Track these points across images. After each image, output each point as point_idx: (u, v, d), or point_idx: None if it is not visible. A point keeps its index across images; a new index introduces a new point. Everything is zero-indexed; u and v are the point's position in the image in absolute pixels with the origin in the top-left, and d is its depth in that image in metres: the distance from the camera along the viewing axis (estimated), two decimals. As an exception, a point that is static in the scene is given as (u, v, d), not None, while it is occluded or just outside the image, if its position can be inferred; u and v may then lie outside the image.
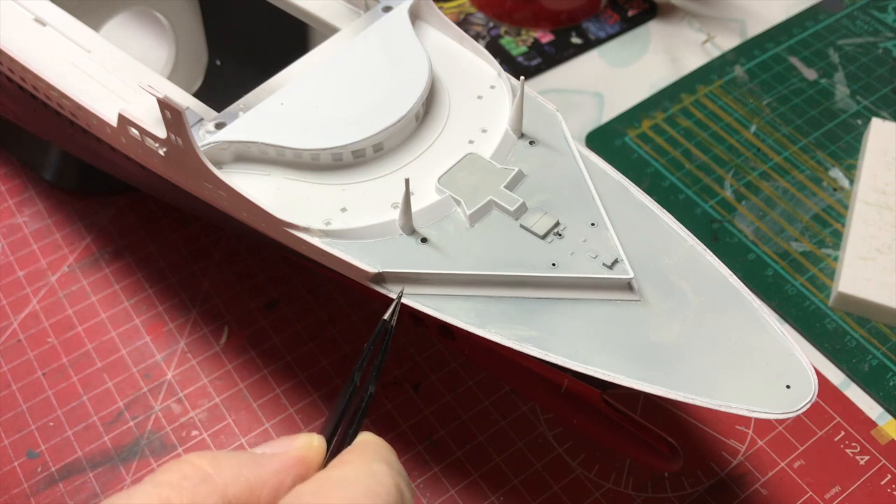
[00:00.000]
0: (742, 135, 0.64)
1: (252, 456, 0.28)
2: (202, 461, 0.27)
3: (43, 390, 0.50)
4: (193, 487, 0.26)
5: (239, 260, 0.56)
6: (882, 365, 0.51)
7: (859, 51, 0.70)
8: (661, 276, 0.38)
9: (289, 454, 0.28)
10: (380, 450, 0.28)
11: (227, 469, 0.26)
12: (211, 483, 0.26)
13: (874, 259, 0.54)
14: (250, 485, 0.26)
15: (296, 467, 0.27)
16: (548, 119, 0.44)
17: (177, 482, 0.26)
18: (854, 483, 0.47)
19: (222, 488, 0.26)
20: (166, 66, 0.61)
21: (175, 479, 0.26)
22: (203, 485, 0.26)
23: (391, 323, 0.34)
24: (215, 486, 0.26)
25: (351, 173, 0.42)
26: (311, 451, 0.28)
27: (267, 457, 0.28)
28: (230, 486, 0.26)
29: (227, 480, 0.26)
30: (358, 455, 0.28)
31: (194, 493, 0.25)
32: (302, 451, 0.28)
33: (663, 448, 0.42)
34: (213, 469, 0.26)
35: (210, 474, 0.26)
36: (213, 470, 0.26)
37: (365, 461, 0.27)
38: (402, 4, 0.48)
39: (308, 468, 0.28)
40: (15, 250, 0.57)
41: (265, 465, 0.27)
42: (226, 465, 0.27)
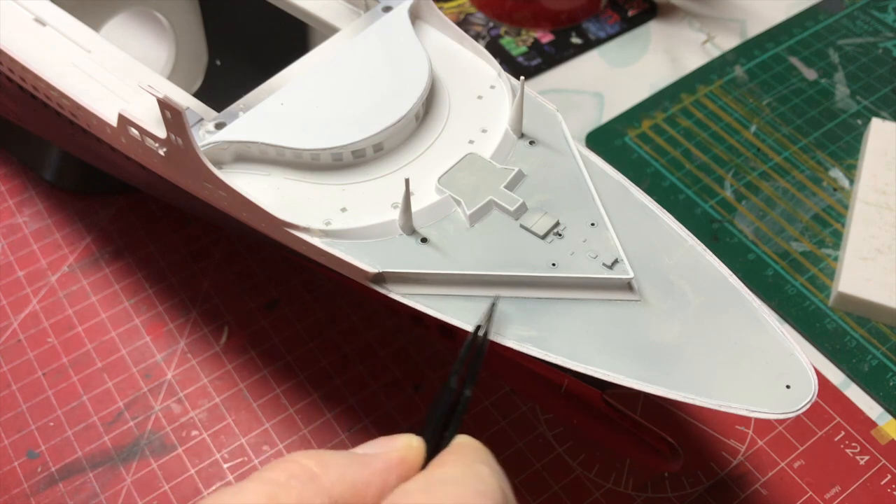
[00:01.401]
0: (742, 135, 0.64)
1: (356, 456, 0.28)
2: (309, 461, 0.27)
3: (43, 390, 0.50)
4: (301, 486, 0.26)
5: (239, 260, 0.56)
6: (882, 365, 0.51)
7: (859, 51, 0.70)
8: (661, 276, 0.38)
9: (391, 454, 0.28)
10: (480, 452, 0.28)
11: (334, 469, 0.26)
12: (318, 483, 0.26)
13: (874, 259, 0.54)
14: (356, 485, 0.26)
15: (398, 467, 0.27)
16: (548, 119, 0.44)
17: (284, 481, 0.26)
18: (854, 483, 0.47)
19: (329, 488, 0.26)
20: (166, 66, 0.61)
21: (283, 478, 0.26)
22: (310, 484, 0.26)
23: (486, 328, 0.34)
24: (322, 485, 0.26)
25: (351, 173, 0.42)
26: (411, 451, 0.28)
27: (370, 457, 0.28)
28: (336, 485, 0.26)
29: (334, 480, 0.26)
30: (459, 456, 0.28)
31: (302, 492, 0.25)
32: (403, 452, 0.28)
33: (663, 448, 0.42)
34: (319, 469, 0.26)
35: (317, 474, 0.26)
36: (319, 470, 0.26)
37: (467, 462, 0.27)
38: (402, 4, 0.48)
39: (409, 469, 0.28)
40: (15, 250, 0.57)
41: (369, 465, 0.27)
42: (332, 465, 0.27)
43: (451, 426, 0.30)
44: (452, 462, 0.28)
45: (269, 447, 0.48)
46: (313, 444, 0.48)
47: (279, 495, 0.25)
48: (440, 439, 0.29)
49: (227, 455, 0.48)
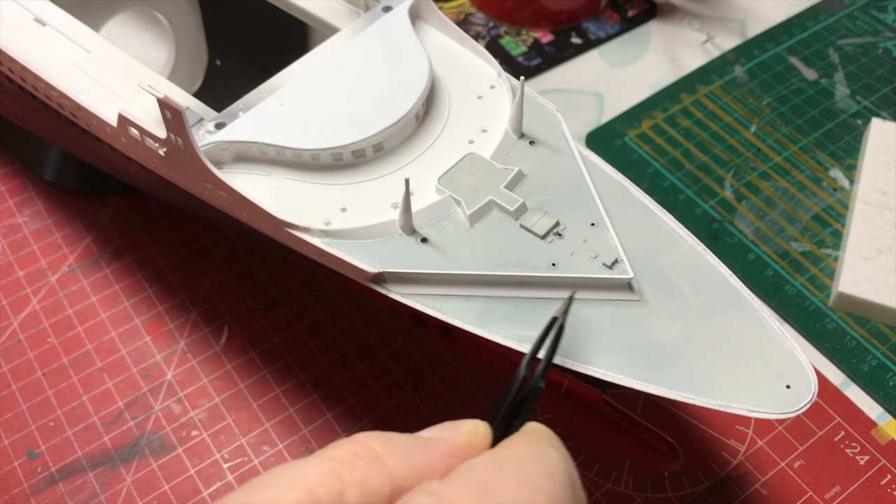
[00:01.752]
0: (742, 135, 0.64)
1: (421, 439, 0.28)
2: (373, 441, 0.26)
3: (43, 390, 0.50)
4: (365, 466, 0.26)
5: (239, 260, 0.56)
6: (882, 365, 0.51)
7: (859, 51, 0.70)
8: (661, 276, 0.38)
9: (457, 439, 0.28)
10: (550, 438, 0.28)
11: (398, 451, 0.26)
12: (382, 463, 0.26)
13: (874, 259, 0.54)
14: (419, 468, 0.26)
15: (464, 452, 0.27)
16: (548, 119, 0.44)
17: (349, 459, 0.26)
18: (854, 483, 0.47)
19: (393, 469, 0.26)
20: (166, 66, 0.61)
21: (347, 456, 0.26)
22: (374, 464, 0.26)
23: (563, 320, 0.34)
24: (386, 467, 0.26)
25: (351, 173, 0.42)
26: (476, 436, 0.28)
27: (436, 440, 0.28)
28: (400, 468, 0.26)
29: (398, 462, 0.26)
30: (528, 438, 0.28)
31: (365, 471, 0.25)
32: (468, 437, 0.28)
33: (663, 448, 0.42)
34: (383, 450, 0.26)
35: (381, 455, 0.26)
36: (384, 451, 0.26)
37: (536, 444, 0.27)
38: (402, 4, 0.48)
39: (475, 454, 0.28)
40: (15, 250, 0.57)
41: (434, 449, 0.27)
42: (396, 448, 0.26)
43: (520, 414, 0.30)
44: (520, 443, 0.28)
45: (269, 447, 0.48)
46: (313, 444, 0.48)
47: (343, 472, 0.25)
48: (508, 427, 0.29)
49: (227, 455, 0.48)
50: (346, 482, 0.25)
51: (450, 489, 0.25)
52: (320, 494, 0.24)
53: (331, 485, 0.25)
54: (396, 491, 0.25)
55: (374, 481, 0.25)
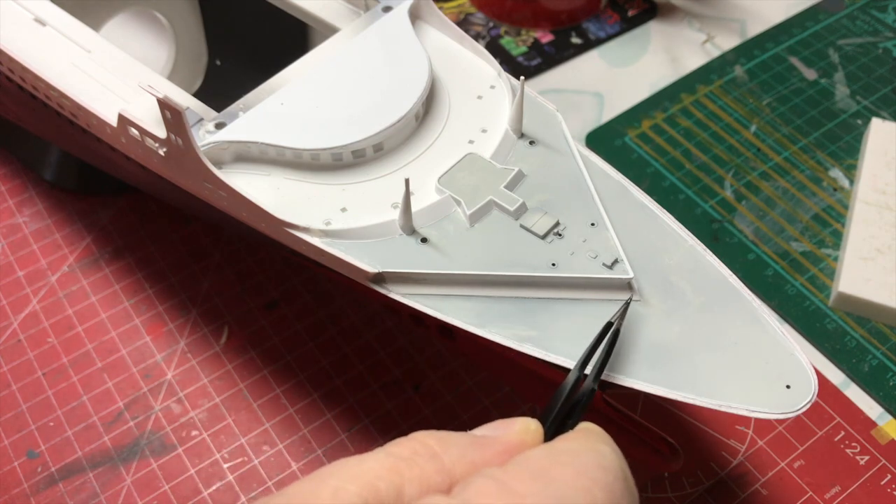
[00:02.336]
0: (742, 135, 0.64)
1: (475, 438, 0.28)
2: (431, 440, 0.27)
3: (43, 390, 0.50)
4: (423, 463, 0.26)
5: (239, 260, 0.56)
6: (882, 365, 0.51)
7: (859, 51, 0.70)
8: (661, 276, 0.38)
9: (511, 436, 0.28)
10: (604, 436, 0.29)
11: (454, 449, 0.27)
12: (438, 461, 0.27)
13: (874, 259, 0.54)
14: (476, 464, 0.27)
15: (517, 449, 0.28)
16: (548, 119, 0.44)
17: (408, 456, 0.26)
18: (854, 483, 0.47)
19: (449, 467, 0.27)
20: (166, 66, 0.61)
21: (406, 453, 0.27)
22: (432, 461, 0.26)
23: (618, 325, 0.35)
24: (443, 464, 0.27)
25: (351, 173, 0.42)
26: (529, 434, 0.29)
27: (490, 439, 0.28)
28: (457, 464, 0.27)
29: (455, 459, 0.27)
30: (582, 434, 0.29)
31: (423, 468, 0.26)
32: (521, 435, 0.29)
33: (663, 448, 0.42)
34: (440, 448, 0.27)
35: (438, 453, 0.27)
36: (440, 449, 0.27)
37: (591, 440, 0.28)
38: (402, 4, 0.48)
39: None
40: (15, 250, 0.57)
41: (490, 447, 0.28)
42: (453, 446, 0.27)
43: (574, 415, 0.31)
44: (575, 438, 0.28)
45: (269, 447, 0.48)
46: (313, 443, 0.48)
47: (402, 468, 0.26)
48: (561, 427, 0.30)
49: (227, 455, 0.48)
50: (406, 477, 0.26)
51: (508, 474, 0.25)
52: (380, 488, 0.25)
53: (390, 479, 0.26)
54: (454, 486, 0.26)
55: (432, 477, 0.26)
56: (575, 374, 0.32)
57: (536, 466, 0.26)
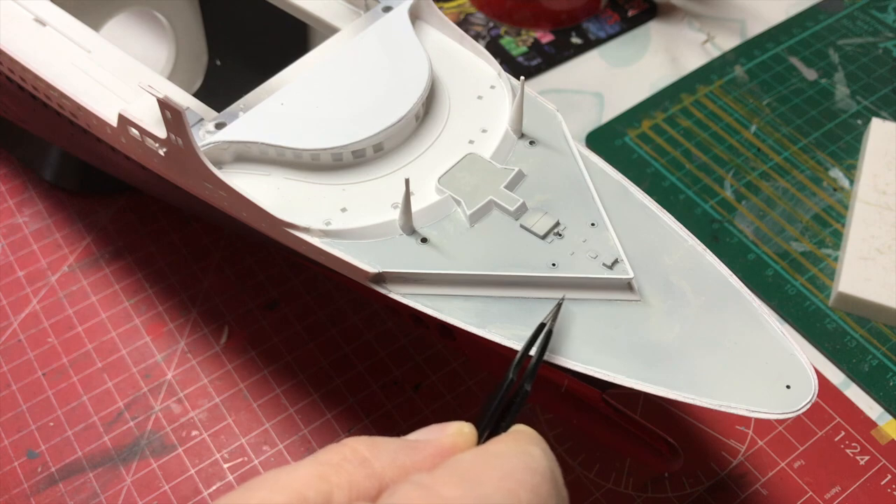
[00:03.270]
0: (742, 135, 0.64)
1: (407, 442, 0.28)
2: (361, 446, 0.27)
3: (43, 390, 0.50)
4: (352, 469, 0.26)
5: (239, 260, 0.56)
6: (882, 365, 0.51)
7: (859, 51, 0.70)
8: (661, 276, 0.38)
9: (443, 440, 0.28)
10: (536, 438, 0.29)
11: (385, 454, 0.27)
12: (368, 466, 0.27)
13: (874, 259, 0.54)
14: (406, 468, 0.27)
15: (449, 453, 0.28)
16: (548, 119, 0.44)
17: (337, 462, 0.27)
18: (854, 483, 0.47)
19: (380, 472, 0.27)
20: (166, 66, 0.61)
21: (335, 460, 0.27)
22: (361, 467, 0.27)
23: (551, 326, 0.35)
24: (373, 469, 0.27)
25: (351, 173, 0.42)
26: (462, 437, 0.29)
27: (422, 442, 0.28)
28: (387, 469, 0.27)
29: (385, 464, 0.27)
30: (513, 437, 0.29)
31: (352, 474, 0.26)
32: (454, 438, 0.29)
33: (663, 448, 0.42)
34: (370, 453, 0.27)
35: (368, 458, 0.27)
36: (370, 454, 0.27)
37: (521, 442, 0.28)
38: (402, 4, 0.48)
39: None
40: (15, 250, 0.57)
41: (421, 451, 0.28)
42: (383, 450, 0.27)
43: (507, 418, 0.30)
44: (505, 441, 0.28)
45: (269, 447, 0.48)
46: (313, 443, 0.48)
47: (331, 475, 0.26)
48: (495, 430, 0.30)
49: (227, 455, 0.48)
50: (334, 484, 0.26)
51: (434, 479, 0.25)
52: (308, 496, 0.25)
53: (318, 487, 0.25)
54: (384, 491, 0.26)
55: (362, 483, 0.26)
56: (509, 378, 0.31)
57: (463, 470, 0.26)
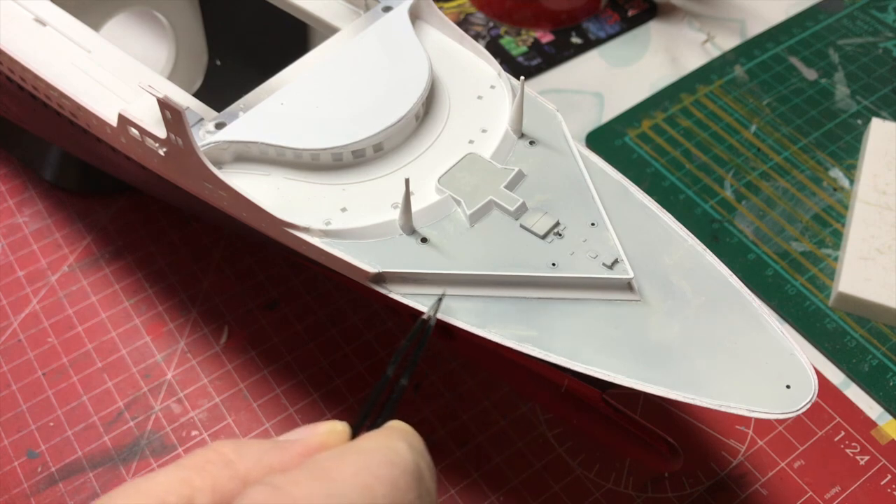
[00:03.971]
0: (742, 135, 0.64)
1: (276, 442, 0.28)
2: (226, 448, 0.27)
3: (43, 390, 0.50)
4: (216, 471, 0.26)
5: (239, 260, 0.56)
6: (882, 365, 0.51)
7: (859, 51, 0.70)
8: (661, 276, 0.38)
9: (311, 439, 0.28)
10: (405, 433, 0.28)
11: (250, 455, 0.27)
12: (233, 468, 0.26)
13: (874, 259, 0.54)
14: (273, 469, 0.27)
15: (317, 452, 0.28)
16: (548, 119, 0.44)
17: (200, 465, 0.26)
18: (854, 483, 0.47)
19: (244, 473, 0.26)
20: (166, 66, 0.61)
21: (198, 463, 0.26)
22: (225, 469, 0.26)
23: (430, 322, 0.34)
24: (237, 470, 0.26)
25: (351, 173, 0.42)
26: (333, 436, 0.29)
27: (290, 442, 0.28)
28: (252, 470, 0.26)
29: (250, 465, 0.27)
30: (381, 433, 0.28)
31: (216, 476, 0.26)
32: (324, 437, 0.28)
33: (663, 448, 0.42)
34: (235, 455, 0.27)
35: (232, 460, 0.27)
36: (235, 456, 0.27)
37: (387, 437, 0.28)
38: (402, 4, 0.48)
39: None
40: (15, 250, 0.57)
41: (288, 451, 0.27)
42: (248, 452, 0.27)
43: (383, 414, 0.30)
44: (371, 437, 0.28)
45: (269, 447, 0.48)
46: (313, 444, 0.48)
47: (193, 479, 0.26)
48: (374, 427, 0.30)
49: (227, 455, 0.48)
50: (196, 487, 0.25)
51: (288, 478, 0.25)
52: (169, 501, 0.25)
53: (180, 492, 0.25)
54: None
55: (226, 485, 0.26)
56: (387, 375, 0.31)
57: (319, 467, 0.26)
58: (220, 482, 0.26)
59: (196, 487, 0.25)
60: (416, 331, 0.34)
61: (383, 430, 0.28)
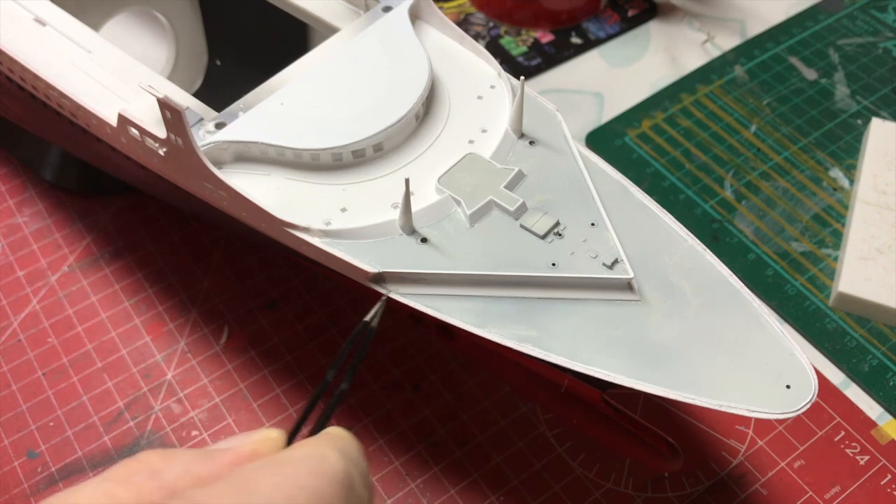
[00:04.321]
0: (742, 135, 0.64)
1: (205, 451, 0.27)
2: (153, 457, 0.26)
3: (43, 390, 0.50)
4: (141, 482, 0.25)
5: (239, 260, 0.56)
6: (882, 365, 0.51)
7: (859, 51, 0.70)
8: (661, 276, 0.38)
9: (243, 448, 0.27)
10: (339, 440, 0.28)
11: (178, 464, 0.26)
12: (159, 478, 0.25)
13: (874, 259, 0.54)
14: (201, 478, 0.26)
15: (248, 460, 0.27)
16: (548, 119, 0.44)
17: (124, 477, 0.25)
18: (854, 483, 0.47)
19: (171, 482, 0.25)
20: (166, 66, 0.61)
21: (123, 475, 0.26)
22: (151, 480, 0.25)
23: (372, 324, 0.34)
24: (163, 480, 0.25)
25: (351, 173, 0.42)
26: (266, 444, 0.28)
27: (221, 451, 0.27)
28: (180, 479, 0.25)
29: (177, 475, 0.26)
30: (313, 440, 0.28)
31: (141, 487, 0.25)
32: (257, 445, 0.28)
33: (663, 448, 0.42)
34: (163, 465, 0.26)
35: (159, 470, 0.26)
36: (162, 466, 0.26)
37: (318, 446, 0.27)
38: (402, 4, 0.48)
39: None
40: (15, 250, 0.57)
41: (217, 459, 0.27)
42: (176, 461, 0.26)
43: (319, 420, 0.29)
44: (301, 445, 0.27)
45: (269, 447, 0.48)
46: (313, 444, 0.48)
47: (117, 492, 0.25)
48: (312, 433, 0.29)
49: (227, 455, 0.48)
50: (120, 499, 0.25)
51: (208, 492, 0.24)
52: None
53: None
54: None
55: (152, 495, 0.25)
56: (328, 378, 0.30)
57: (241, 479, 0.25)
58: (145, 493, 0.25)
59: (120, 500, 0.25)
60: (357, 334, 0.33)
61: (315, 438, 0.28)
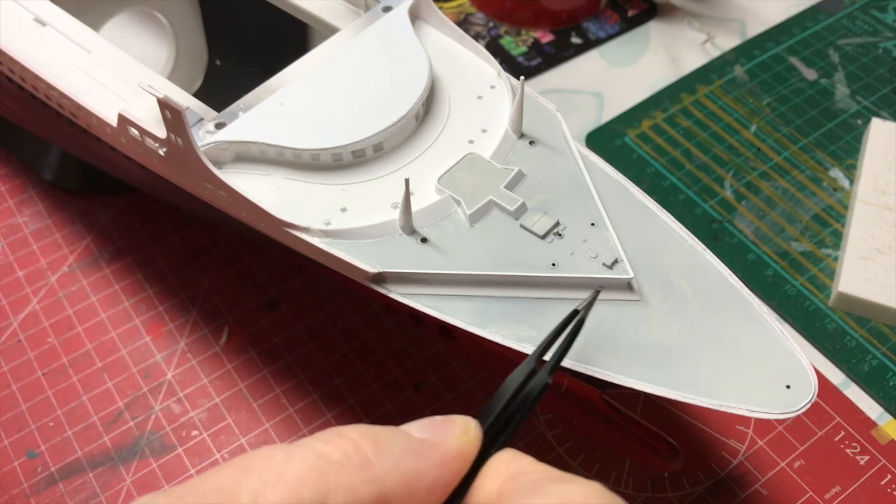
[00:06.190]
0: (742, 135, 0.64)
1: (412, 443, 0.26)
2: (365, 442, 0.25)
3: (43, 390, 0.50)
4: (353, 471, 0.25)
5: (239, 260, 0.56)
6: (882, 365, 0.51)
7: (859, 51, 0.70)
8: (661, 276, 0.38)
9: (448, 447, 0.26)
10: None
11: (388, 458, 0.25)
12: (370, 470, 0.25)
13: (874, 259, 0.54)
14: (408, 478, 0.25)
15: (455, 462, 0.26)
16: (548, 119, 0.44)
17: (338, 459, 0.25)
18: (854, 483, 0.47)
19: (381, 478, 0.25)
20: (166, 66, 0.61)
21: (336, 456, 0.25)
22: (362, 471, 0.25)
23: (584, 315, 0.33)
24: (374, 474, 0.25)
25: (351, 173, 0.42)
26: (469, 444, 0.27)
27: (427, 448, 0.26)
28: (388, 476, 0.25)
29: (387, 470, 0.25)
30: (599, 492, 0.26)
31: (352, 477, 0.24)
32: (460, 444, 0.27)
33: (663, 448, 0.42)
34: (374, 455, 0.25)
35: (371, 461, 0.25)
36: (374, 456, 0.25)
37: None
38: (402, 4, 0.48)
39: (465, 463, 0.27)
40: (15, 250, 0.57)
41: (425, 458, 0.26)
42: (387, 453, 0.25)
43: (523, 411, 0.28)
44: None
45: (269, 447, 0.48)
46: (313, 444, 0.48)
47: (329, 475, 0.24)
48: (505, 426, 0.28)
49: (227, 455, 0.48)
50: (332, 486, 0.24)
51: None
52: (304, 496, 0.24)
53: (316, 487, 0.24)
54: (382, 500, 0.25)
55: (361, 488, 0.24)
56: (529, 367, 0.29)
57: None
58: (355, 484, 0.24)
59: (332, 486, 0.24)
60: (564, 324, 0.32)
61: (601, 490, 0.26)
